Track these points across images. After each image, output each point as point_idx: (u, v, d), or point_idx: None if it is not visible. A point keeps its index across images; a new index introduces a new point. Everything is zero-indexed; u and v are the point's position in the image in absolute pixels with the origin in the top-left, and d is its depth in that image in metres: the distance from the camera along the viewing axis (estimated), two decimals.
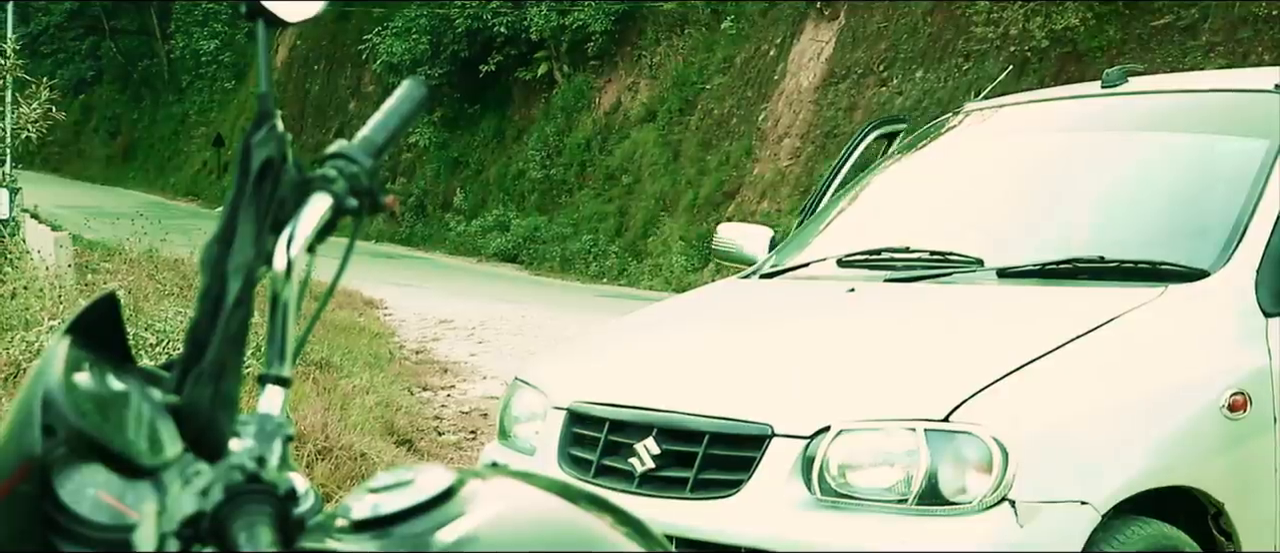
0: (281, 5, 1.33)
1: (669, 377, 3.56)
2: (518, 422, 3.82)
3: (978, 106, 4.84)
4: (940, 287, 3.73)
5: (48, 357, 1.12)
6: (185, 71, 43.93)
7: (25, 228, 14.91)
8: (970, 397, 2.96)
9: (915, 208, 4.47)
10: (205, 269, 1.21)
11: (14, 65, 14.05)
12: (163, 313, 8.52)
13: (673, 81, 23.13)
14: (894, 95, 18.39)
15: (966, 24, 17.36)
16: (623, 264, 21.21)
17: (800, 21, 20.88)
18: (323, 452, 6.25)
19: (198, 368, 1.16)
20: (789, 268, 4.26)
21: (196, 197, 39.02)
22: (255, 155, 1.26)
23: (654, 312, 4.64)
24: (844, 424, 3.02)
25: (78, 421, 1.06)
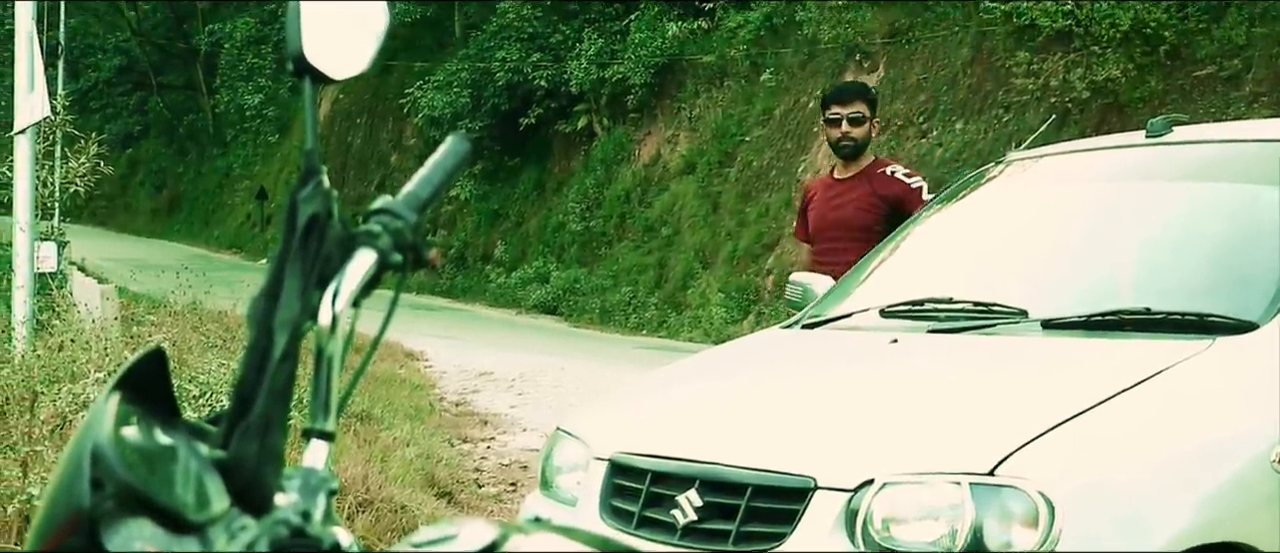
0: (329, 63, 1.34)
1: (711, 428, 3.54)
2: (559, 472, 3.81)
3: (1020, 157, 4.82)
4: (984, 338, 3.71)
5: (97, 411, 1.12)
6: (230, 126, 44.41)
7: (72, 281, 15.05)
8: (1016, 450, 2.93)
9: (958, 258, 4.45)
10: (252, 324, 1.22)
11: (64, 121, 14.25)
12: (206, 365, 8.56)
13: (712, 134, 23.19)
14: (934, 146, 18.36)
15: (1006, 76, 17.34)
16: (662, 316, 21.20)
17: (839, 73, 20.91)
18: (364, 504, 6.26)
19: (244, 423, 1.17)
20: (831, 318, 4.25)
21: (240, 249, 39.34)
22: (301, 211, 1.27)
23: (696, 362, 4.63)
24: (888, 477, 3.00)
25: (126, 474, 1.06)
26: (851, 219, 5.65)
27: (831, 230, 5.72)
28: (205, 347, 10.72)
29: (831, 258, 5.57)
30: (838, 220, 5.70)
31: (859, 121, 5.70)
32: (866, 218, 5.59)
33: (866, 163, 5.78)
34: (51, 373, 7.67)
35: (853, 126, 5.70)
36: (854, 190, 5.70)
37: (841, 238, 5.62)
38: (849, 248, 5.47)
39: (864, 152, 5.78)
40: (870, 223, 5.55)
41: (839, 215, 5.70)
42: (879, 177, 5.69)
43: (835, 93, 5.99)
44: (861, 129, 5.70)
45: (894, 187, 5.62)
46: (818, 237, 5.82)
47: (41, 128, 11.93)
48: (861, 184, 5.69)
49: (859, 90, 6.04)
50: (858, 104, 5.75)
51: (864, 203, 5.63)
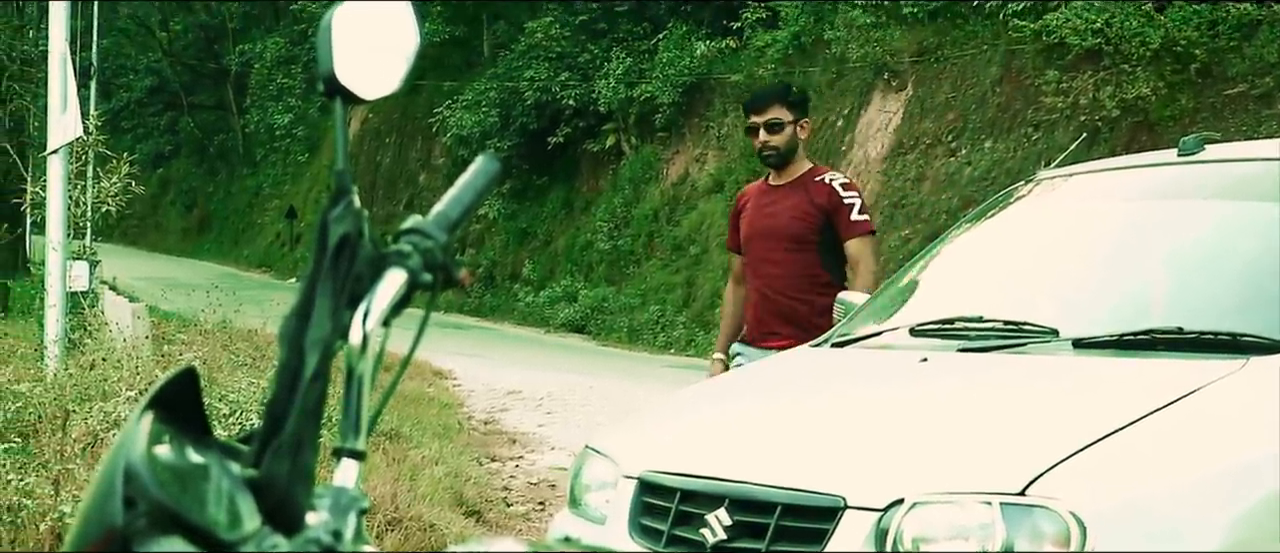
0: (360, 83, 1.35)
1: (741, 447, 3.53)
2: (588, 491, 3.81)
3: (1050, 175, 4.80)
4: (1015, 357, 3.69)
5: (130, 429, 1.13)
6: (259, 145, 44.69)
7: (104, 299, 15.15)
8: (1047, 470, 2.91)
9: (988, 277, 4.43)
10: (283, 344, 1.23)
11: (96, 141, 14.35)
12: (236, 384, 8.61)
13: (740, 152, 23.19)
14: (963, 165, 18.32)
15: (1036, 94, 17.30)
16: (690, 335, 21.20)
17: (868, 92, 20.90)
18: (392, 523, 6.27)
19: (276, 442, 1.17)
20: (860, 337, 4.24)
21: (269, 268, 39.54)
22: (332, 231, 1.27)
23: (725, 380, 4.62)
24: (918, 497, 2.98)
25: (159, 493, 1.07)
26: (784, 228, 5.40)
27: (763, 240, 5.46)
28: (235, 365, 10.77)
29: (764, 268, 5.42)
30: (770, 229, 5.44)
31: (777, 128, 5.41)
32: (800, 227, 5.37)
33: (802, 170, 5.50)
34: (83, 391, 7.72)
35: (770, 134, 5.40)
36: (788, 198, 5.44)
37: (774, 248, 5.41)
38: (782, 259, 5.36)
39: (791, 158, 5.46)
40: (804, 233, 5.35)
41: (771, 224, 5.44)
42: (815, 185, 5.42)
43: (750, 99, 5.68)
44: (780, 136, 5.40)
45: (829, 197, 5.36)
46: (749, 246, 5.54)
47: (74, 148, 12.03)
48: (796, 192, 5.43)
49: (775, 94, 5.64)
50: (774, 110, 5.43)
51: (798, 211, 5.38)
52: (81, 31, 23.74)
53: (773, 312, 5.39)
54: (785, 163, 5.45)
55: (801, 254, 5.35)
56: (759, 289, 5.46)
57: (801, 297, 5.32)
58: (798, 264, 5.35)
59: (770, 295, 5.40)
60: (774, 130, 5.39)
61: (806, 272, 5.34)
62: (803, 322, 5.21)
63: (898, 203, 19.14)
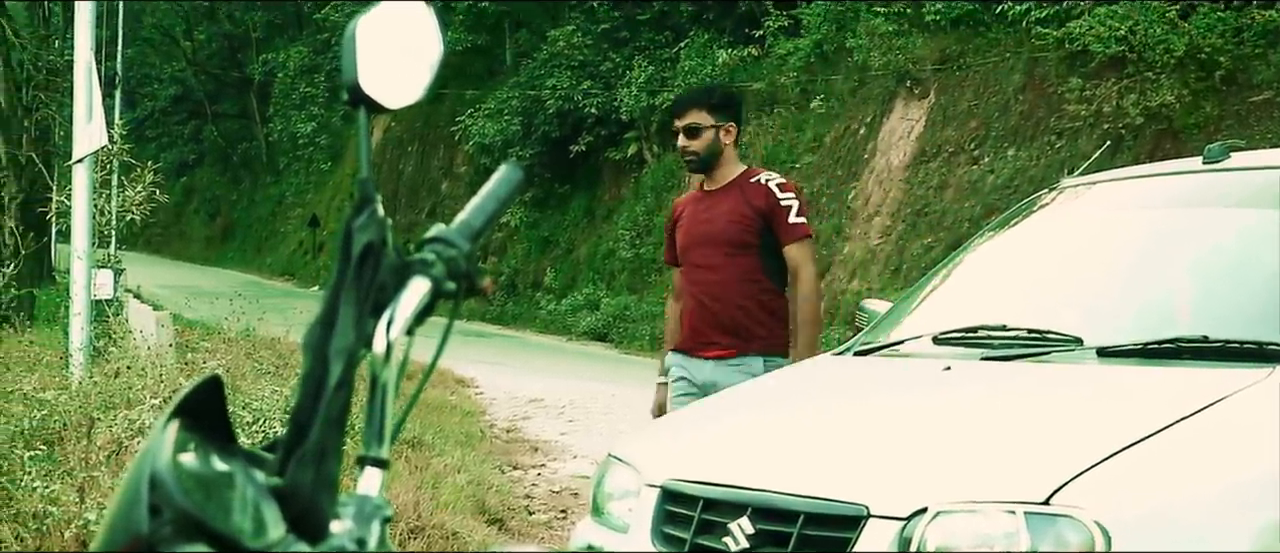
0: (383, 92, 1.35)
1: (764, 455, 3.53)
2: (611, 499, 3.81)
3: (1073, 183, 4.79)
4: (1039, 366, 3.68)
5: (155, 438, 1.13)
6: (282, 154, 44.87)
7: (128, 308, 15.21)
8: (1071, 479, 2.90)
9: (1012, 285, 4.42)
10: (307, 352, 1.23)
11: (121, 149, 14.42)
12: (259, 392, 8.64)
13: (762, 161, 23.17)
14: (985, 173, 18.27)
15: (1059, 102, 17.25)
16: None
17: (890, 100, 20.87)
18: (415, 531, 6.28)
19: (300, 450, 1.17)
20: (883, 345, 4.23)
21: (292, 276, 39.67)
22: (356, 240, 1.28)
23: (748, 389, 4.62)
24: (941, 506, 2.97)
25: (184, 501, 1.07)
26: (722, 233, 5.17)
27: (702, 247, 5.23)
28: (258, 373, 10.81)
29: (702, 275, 5.21)
30: (707, 235, 5.21)
31: (696, 132, 5.20)
32: (738, 231, 5.14)
33: (736, 172, 5.27)
34: (108, 399, 7.76)
35: (690, 139, 5.21)
36: (723, 202, 5.21)
37: (714, 254, 5.18)
38: (721, 264, 5.15)
39: (715, 163, 5.25)
40: (743, 237, 5.13)
41: (708, 230, 5.21)
42: (751, 186, 5.19)
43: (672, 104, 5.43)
44: (700, 141, 5.20)
45: (764, 199, 5.13)
46: (687, 255, 5.31)
47: (99, 157, 12.10)
48: (732, 195, 5.20)
49: (694, 99, 5.39)
50: (692, 114, 5.22)
51: (735, 215, 5.15)
52: (106, 41, 23.90)
53: (710, 320, 5.17)
54: (710, 168, 5.25)
55: (741, 258, 5.13)
56: (696, 297, 5.23)
57: (742, 302, 5.12)
58: (737, 269, 5.13)
59: (708, 303, 5.17)
60: (693, 135, 5.20)
61: (747, 276, 5.13)
62: (743, 329, 5.09)
63: (920, 211, 19.10)
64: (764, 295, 5.11)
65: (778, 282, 5.14)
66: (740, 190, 5.18)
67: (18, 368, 10.46)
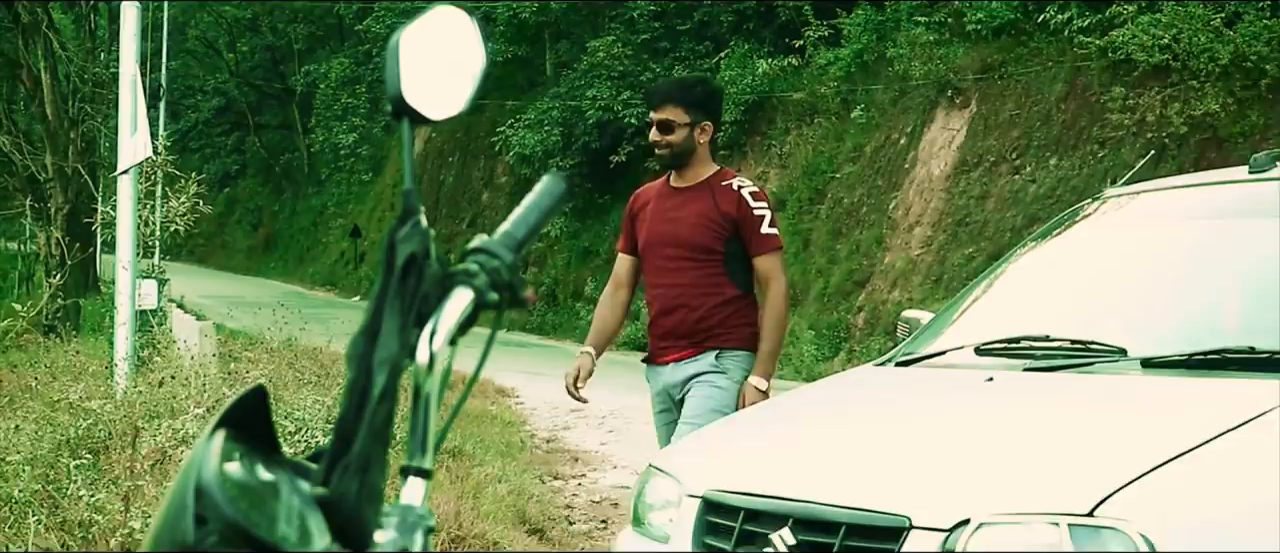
0: (427, 104, 1.36)
1: (805, 466, 3.52)
2: (652, 509, 3.80)
3: (1117, 193, 4.75)
4: (1082, 377, 3.65)
5: (201, 448, 1.14)
6: (324, 164, 45.09)
7: (172, 318, 15.34)
8: (1116, 491, 2.88)
9: (1055, 296, 4.39)
10: (352, 363, 1.24)
11: (165, 161, 14.55)
12: (302, 401, 8.68)
13: (802, 171, 23.14)
14: (1027, 183, 18.17)
15: (1101, 111, 17.13)
16: None
17: (931, 110, 20.79)
18: (456, 540, 6.30)
19: (345, 460, 1.18)
20: (925, 356, 4.21)
21: (333, 286, 39.86)
22: (400, 251, 1.28)
23: (789, 399, 4.61)
24: (985, 517, 2.95)
25: (230, 511, 1.08)
26: (688, 236, 4.94)
27: (665, 247, 4.99)
28: (300, 383, 10.85)
29: (664, 279, 5.00)
30: (671, 236, 4.97)
31: (670, 128, 4.95)
32: (704, 236, 4.92)
33: (707, 172, 5.03)
34: (152, 408, 7.82)
35: (662, 133, 4.97)
36: (692, 203, 4.96)
37: (677, 256, 4.95)
38: (683, 268, 4.93)
39: (688, 160, 5.01)
40: (709, 243, 4.91)
41: (673, 230, 4.97)
42: (722, 190, 4.95)
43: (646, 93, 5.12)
44: (674, 137, 4.96)
45: (736, 206, 4.91)
46: (648, 254, 5.07)
47: (144, 168, 12.21)
48: (702, 196, 4.96)
49: (669, 93, 5.09)
50: (667, 109, 4.97)
51: (703, 218, 4.92)
52: (151, 53, 24.12)
53: (670, 328, 4.99)
54: (682, 165, 5.03)
55: (706, 264, 4.92)
56: (659, 303, 5.04)
57: (705, 309, 4.92)
58: (701, 274, 4.93)
59: (671, 308, 4.98)
60: (666, 130, 4.97)
61: (710, 281, 4.93)
62: (702, 333, 4.93)
63: (961, 221, 19.01)
64: (728, 303, 4.94)
65: (742, 284, 4.98)
66: (711, 192, 4.95)
67: (64, 377, 10.55)
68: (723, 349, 4.94)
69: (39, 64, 22.27)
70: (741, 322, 4.97)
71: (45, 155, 22.33)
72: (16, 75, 23.92)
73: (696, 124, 4.97)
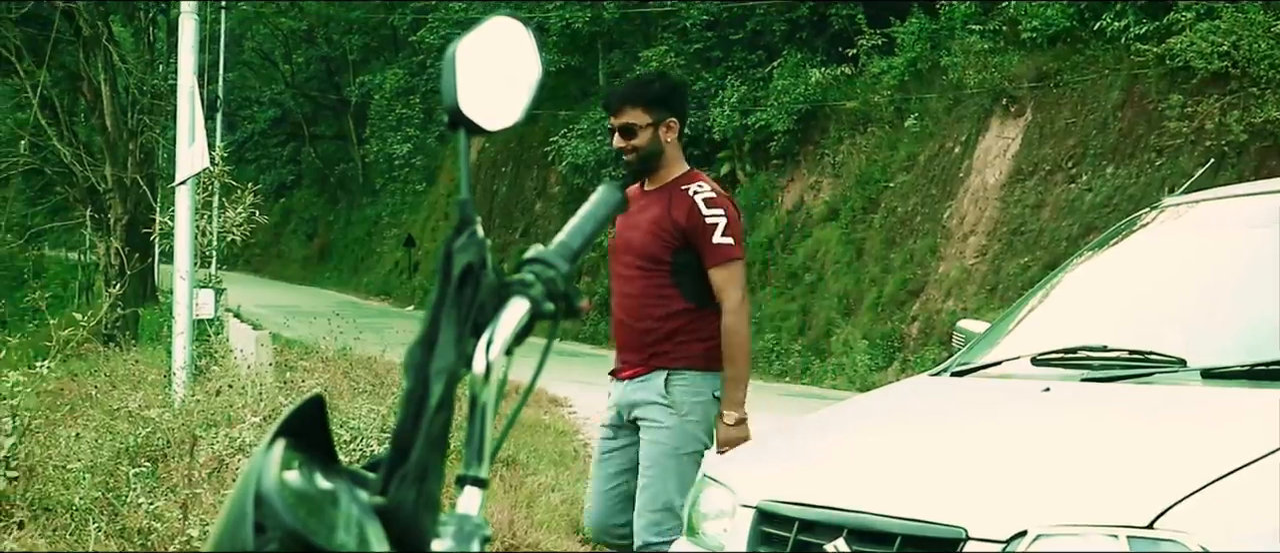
0: (483, 115, 1.37)
1: (860, 476, 3.50)
2: (706, 519, 3.80)
3: (1175, 201, 4.71)
4: (1141, 387, 3.61)
5: (260, 456, 1.15)
6: (378, 175, 45.35)
7: (228, 327, 15.47)
8: (1176, 503, 2.85)
9: (1112, 306, 4.35)
10: (409, 372, 1.24)
11: (222, 171, 14.70)
12: (357, 410, 8.73)
13: (856, 180, 23.05)
14: (1083, 192, 18.02)
15: (1159, 119, 16.97)
16: (805, 363, 21.07)
17: (985, 118, 20.66)
18: (510, 549, 6.32)
19: (402, 469, 1.19)
20: (981, 366, 4.18)
21: (388, 296, 40.05)
22: (456, 261, 1.29)
23: (844, 410, 4.59)
24: (1042, 529, 2.93)
25: (289, 519, 1.09)
26: (640, 244, 4.64)
27: (624, 254, 4.72)
28: (355, 392, 10.93)
29: (620, 287, 4.75)
30: (628, 244, 4.68)
31: (632, 132, 4.65)
32: (653, 245, 4.59)
33: (674, 174, 4.72)
34: (209, 417, 7.89)
35: (624, 138, 4.67)
36: (652, 208, 4.65)
37: (630, 265, 4.68)
38: (633, 277, 4.64)
39: (656, 162, 4.70)
40: (657, 252, 4.59)
41: (630, 238, 4.68)
42: (679, 196, 4.61)
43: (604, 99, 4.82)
44: (639, 140, 4.67)
45: (687, 214, 4.56)
46: (612, 261, 4.82)
47: (201, 179, 12.33)
48: (660, 201, 4.64)
49: (627, 95, 4.77)
50: (627, 111, 4.66)
51: (655, 226, 4.60)
52: (208, 65, 24.37)
53: (623, 341, 4.73)
54: (651, 168, 4.72)
55: (654, 274, 4.60)
56: (615, 311, 4.81)
57: (653, 322, 4.61)
58: (649, 284, 4.61)
59: (625, 321, 4.72)
60: (629, 135, 4.66)
61: (658, 294, 4.60)
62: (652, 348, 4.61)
63: (1016, 230, 18.87)
64: (675, 316, 4.60)
65: (693, 296, 4.61)
66: (669, 198, 4.62)
67: (123, 386, 10.68)
68: (671, 370, 4.60)
69: (99, 76, 22.57)
70: (692, 337, 4.60)
71: (105, 166, 22.62)
72: (77, 87, 24.26)
73: (659, 123, 4.67)
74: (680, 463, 4.59)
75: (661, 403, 4.61)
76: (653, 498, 4.60)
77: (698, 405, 4.62)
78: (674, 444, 4.60)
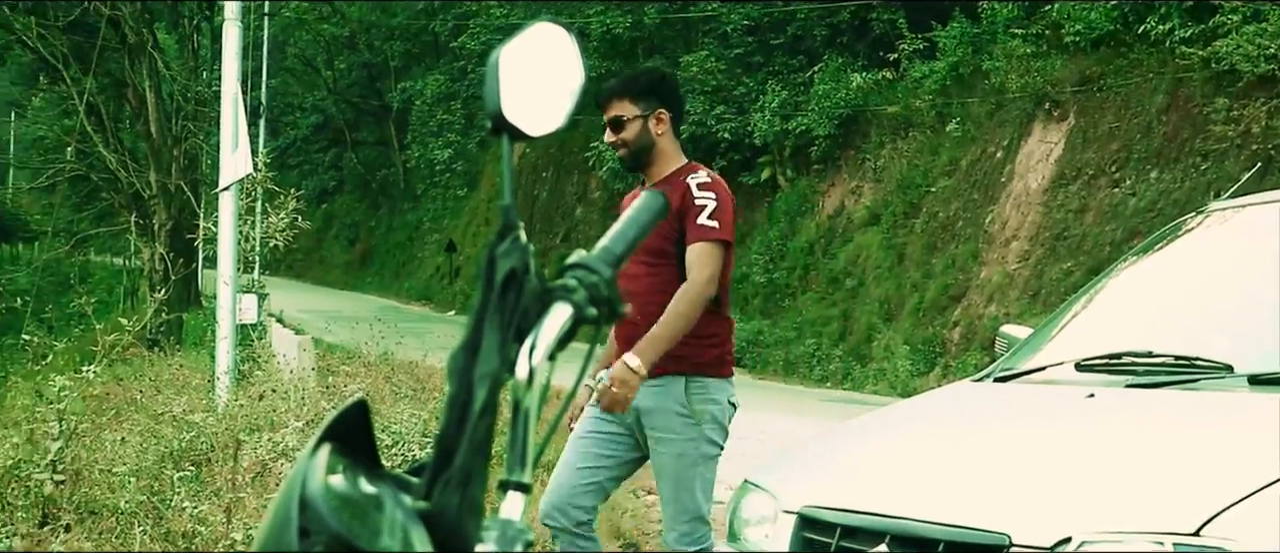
0: (526, 121, 1.37)
1: (903, 482, 3.48)
2: (747, 525, 3.79)
3: (1221, 206, 4.66)
4: (1187, 393, 3.58)
5: (305, 460, 1.15)
6: (420, 180, 45.56)
7: (271, 332, 15.57)
8: (1223, 510, 2.82)
9: (1158, 311, 4.31)
10: (452, 377, 1.25)
11: (264, 177, 14.79)
12: (398, 415, 8.77)
13: (897, 185, 22.97)
14: (1127, 196, 17.89)
15: (1204, 123, 16.82)
16: (846, 368, 21.01)
17: (1028, 123, 20.54)
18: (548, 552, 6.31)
19: (446, 474, 1.19)
20: (1024, 371, 4.15)
21: (429, 301, 40.22)
22: (500, 266, 1.29)
23: (886, 415, 4.57)
24: (1087, 536, 2.90)
25: (335, 523, 1.09)
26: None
27: None
28: (397, 397, 10.96)
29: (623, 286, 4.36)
30: None
31: (619, 125, 4.58)
32: (657, 238, 4.38)
33: (671, 167, 4.60)
34: (253, 422, 7.94)
35: (614, 131, 4.60)
36: None
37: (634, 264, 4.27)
38: (638, 275, 4.40)
39: (648, 156, 4.60)
40: (659, 244, 4.42)
41: None
42: (678, 185, 4.49)
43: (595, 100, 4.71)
44: (628, 133, 4.58)
45: (682, 198, 4.43)
46: None
47: (244, 185, 12.42)
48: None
49: (615, 89, 4.70)
50: (615, 105, 4.60)
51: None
52: (251, 72, 24.55)
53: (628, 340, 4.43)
54: (644, 162, 4.62)
55: (661, 269, 4.43)
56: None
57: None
58: (656, 281, 4.42)
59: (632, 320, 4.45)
60: (618, 128, 4.59)
61: (667, 290, 4.40)
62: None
63: (1059, 235, 18.75)
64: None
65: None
66: (668, 191, 4.43)
67: (168, 390, 10.76)
68: (690, 377, 4.47)
69: (144, 83, 22.77)
70: (705, 342, 4.48)
71: (149, 173, 22.81)
72: (123, 94, 24.48)
73: (649, 115, 4.58)
74: (702, 471, 4.56)
75: (681, 413, 4.50)
76: (681, 510, 4.56)
77: (714, 411, 4.55)
78: (695, 455, 4.52)
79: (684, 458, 4.52)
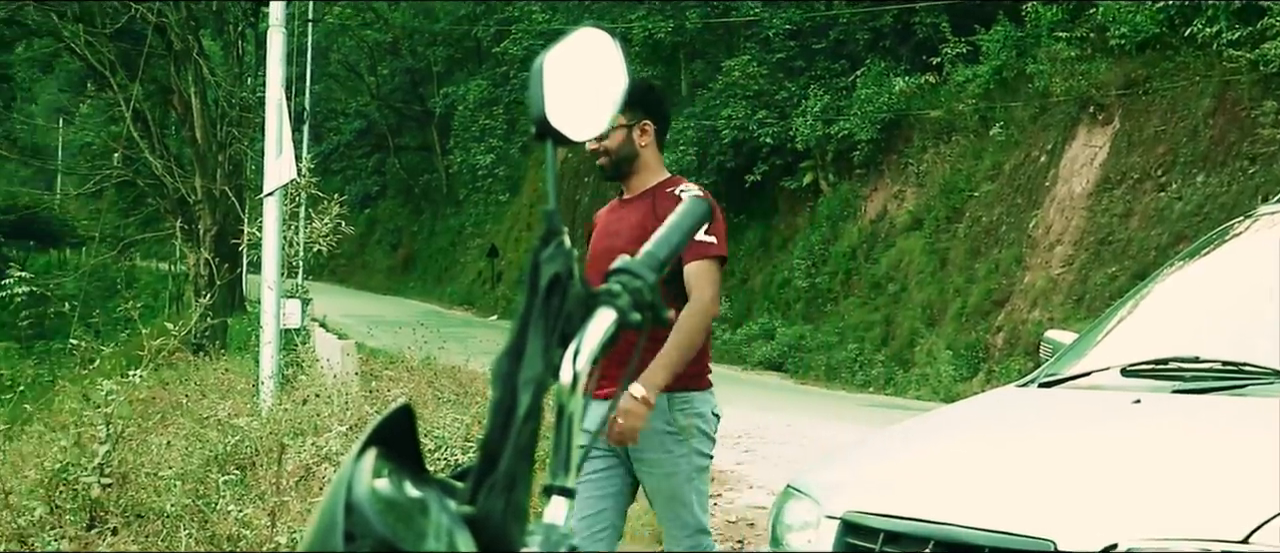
0: (570, 126, 1.37)
1: (947, 488, 3.46)
2: (790, 531, 3.78)
3: (1270, 210, 4.61)
4: (1235, 399, 3.54)
5: (351, 465, 1.16)
6: (462, 185, 45.73)
7: (314, 337, 15.65)
8: (1272, 518, 2.79)
9: (1205, 316, 4.27)
10: (497, 382, 1.25)
11: (308, 183, 14.88)
12: (441, 419, 8.80)
13: (940, 189, 22.87)
14: (1173, 201, 17.73)
15: (1252, 126, 16.66)
16: (889, 373, 20.93)
17: (1072, 127, 20.41)
18: None
19: (491, 479, 1.19)
20: (1069, 377, 4.12)
21: (471, 306, 40.34)
22: (544, 271, 1.29)
23: (930, 420, 4.55)
24: (1132, 542, 2.88)
25: (380, 527, 1.09)
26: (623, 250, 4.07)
27: (601, 261, 4.30)
28: (440, 401, 11.00)
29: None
30: (608, 251, 4.12)
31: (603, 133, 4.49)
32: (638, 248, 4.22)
33: (653, 180, 4.53)
34: (296, 426, 7.99)
35: (596, 139, 4.29)
36: (633, 214, 4.43)
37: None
38: None
39: (630, 166, 4.52)
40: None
41: (610, 245, 4.33)
42: (664, 196, 4.39)
43: None
44: (610, 142, 4.48)
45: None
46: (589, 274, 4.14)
47: (288, 190, 12.49)
48: (642, 206, 4.43)
49: None
50: None
51: (640, 231, 4.17)
52: (295, 78, 24.71)
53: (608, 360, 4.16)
54: (624, 173, 4.54)
55: None
56: None
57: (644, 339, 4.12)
58: None
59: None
60: (602, 135, 4.12)
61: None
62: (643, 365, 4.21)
63: (1104, 239, 18.61)
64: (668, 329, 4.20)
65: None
66: (652, 201, 4.40)
67: (212, 394, 10.84)
68: (671, 393, 4.32)
69: (189, 89, 22.97)
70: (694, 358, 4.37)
71: (195, 178, 23.01)
72: (168, 101, 24.71)
73: (634, 125, 4.48)
74: (697, 484, 4.48)
75: (668, 432, 4.40)
76: (682, 526, 4.49)
77: (700, 424, 4.47)
78: (688, 470, 4.45)
79: (677, 476, 4.45)
